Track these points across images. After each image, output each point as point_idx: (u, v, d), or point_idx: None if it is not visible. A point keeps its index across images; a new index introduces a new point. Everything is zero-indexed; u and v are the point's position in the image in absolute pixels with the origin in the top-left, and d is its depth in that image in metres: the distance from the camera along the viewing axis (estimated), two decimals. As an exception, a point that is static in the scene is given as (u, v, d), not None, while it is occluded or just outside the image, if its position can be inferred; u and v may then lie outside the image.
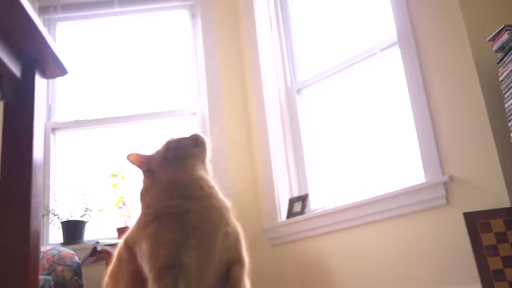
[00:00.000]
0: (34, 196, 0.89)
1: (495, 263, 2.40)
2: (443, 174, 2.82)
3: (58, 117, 4.06)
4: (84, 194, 3.70)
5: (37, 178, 0.91)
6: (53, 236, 3.70)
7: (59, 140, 4.01)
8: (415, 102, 2.99)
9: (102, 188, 3.80)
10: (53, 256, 2.79)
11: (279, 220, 3.56)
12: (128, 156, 1.65)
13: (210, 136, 3.81)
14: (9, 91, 0.96)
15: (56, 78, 1.05)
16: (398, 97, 3.25)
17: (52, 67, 1.04)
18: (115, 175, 3.73)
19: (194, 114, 4.03)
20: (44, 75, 1.05)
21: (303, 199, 3.50)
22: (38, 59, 1.00)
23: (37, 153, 0.94)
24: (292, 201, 3.56)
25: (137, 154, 1.69)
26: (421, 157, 2.95)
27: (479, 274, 2.39)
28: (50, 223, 3.64)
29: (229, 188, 3.74)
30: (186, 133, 1.73)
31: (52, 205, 3.64)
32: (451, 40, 2.87)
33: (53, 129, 3.98)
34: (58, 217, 3.58)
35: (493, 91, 2.72)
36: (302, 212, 3.44)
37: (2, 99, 0.96)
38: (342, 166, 3.55)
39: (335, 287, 3.19)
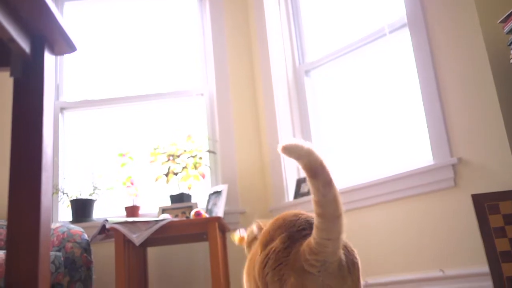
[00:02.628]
0: (44, 172, 0.90)
1: (502, 244, 2.40)
2: (452, 156, 2.81)
3: (67, 97, 4.07)
4: (92, 173, 3.73)
5: (47, 154, 0.92)
6: (63, 214, 3.74)
7: (67, 120, 4.03)
8: (424, 84, 2.97)
9: (110, 167, 3.83)
10: (63, 233, 2.82)
11: (286, 201, 3.57)
12: None
13: (217, 117, 3.82)
14: (18, 67, 0.97)
15: (65, 55, 1.05)
16: (407, 79, 3.23)
17: (61, 43, 1.04)
18: (123, 155, 3.75)
19: (202, 94, 4.03)
20: (53, 51, 1.05)
21: (310, 180, 3.50)
22: (47, 35, 1.00)
23: (47, 128, 0.94)
24: (299, 182, 3.57)
25: None
26: (430, 139, 2.94)
27: (486, 255, 2.39)
28: (59, 201, 3.68)
29: (236, 168, 3.75)
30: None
31: (61, 184, 3.67)
32: (461, 22, 2.84)
33: (62, 109, 4.00)
34: (67, 196, 3.61)
35: (504, 73, 2.70)
36: (309, 192, 3.44)
37: (11, 75, 0.97)
38: (350, 147, 3.54)
39: (341, 268, 3.21)
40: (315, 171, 1.11)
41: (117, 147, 3.89)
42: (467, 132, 2.78)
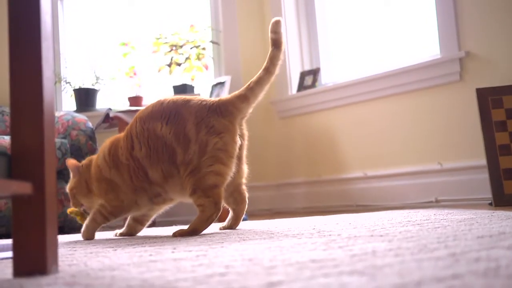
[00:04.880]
0: (44, 40, 0.88)
1: (502, 138, 2.43)
2: (459, 49, 2.76)
3: (65, -18, 3.91)
4: (94, 63, 3.68)
5: (46, 22, 0.89)
6: (66, 103, 3.76)
7: (66, 8, 3.91)
8: (438, -28, 2.83)
9: (112, 57, 3.78)
10: (68, 121, 2.85)
11: (289, 93, 3.57)
12: None
13: (221, 7, 3.70)
14: None
15: None
16: (420, -33, 3.08)
17: None
18: (125, 44, 3.69)
19: (205, -18, 3.87)
20: None
21: (314, 72, 3.48)
22: None
23: (45, -3, 0.91)
24: (303, 75, 3.54)
25: None
26: (438, 32, 2.86)
27: (485, 148, 2.43)
28: (62, 90, 3.67)
29: (240, 60, 3.70)
30: None
31: (63, 73, 3.64)
32: None
33: (60, -5, 3.86)
34: (70, 85, 3.60)
35: (523, -39, 2.56)
36: (313, 85, 3.43)
37: None
38: (355, 39, 3.47)
39: (342, 160, 3.28)
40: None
41: (119, 36, 3.80)
42: (478, 25, 2.70)
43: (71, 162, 1.75)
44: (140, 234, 1.79)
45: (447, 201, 2.76)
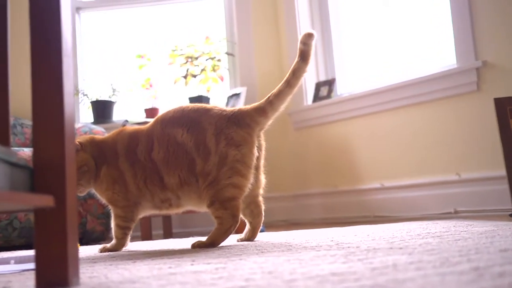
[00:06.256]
0: (65, 56, 0.89)
1: (521, 148, 2.39)
2: (476, 59, 2.74)
3: (82, -4, 3.97)
4: (111, 75, 3.72)
5: (67, 38, 0.91)
6: (84, 115, 3.80)
7: (84, 21, 3.97)
8: (453, -19, 2.82)
9: (128, 69, 3.82)
10: (85, 133, 2.88)
11: (305, 104, 3.56)
12: None
13: (236, 18, 3.72)
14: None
15: None
16: (436, -23, 3.07)
17: None
18: (141, 56, 3.73)
19: (220, -6, 3.90)
20: None
21: (329, 83, 3.47)
22: None
23: (65, 13, 0.92)
24: (318, 85, 3.54)
25: None
26: (455, 41, 2.84)
27: (504, 159, 2.39)
28: (80, 102, 3.71)
29: (254, 70, 3.71)
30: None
31: (81, 85, 3.69)
32: None
33: (78, 9, 3.92)
34: (88, 97, 3.64)
35: (540, -31, 2.54)
36: (328, 96, 3.42)
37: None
38: (370, 50, 3.46)
39: (358, 171, 3.26)
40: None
41: (135, 48, 3.85)
42: (494, 34, 2.68)
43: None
44: (157, 245, 1.79)
45: (466, 212, 2.73)
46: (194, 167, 1.56)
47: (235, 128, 1.56)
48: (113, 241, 1.69)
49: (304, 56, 1.63)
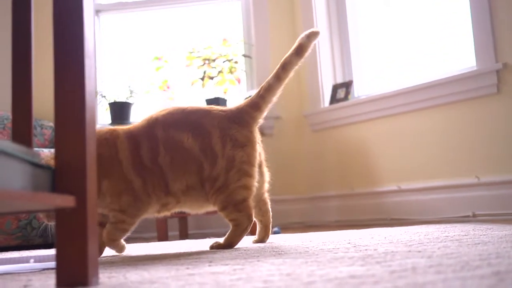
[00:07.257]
0: (87, 58, 0.90)
1: (542, 151, 2.36)
2: (497, 61, 2.71)
3: (101, -2, 4.02)
4: (128, 77, 3.76)
5: (89, 40, 0.92)
6: (102, 116, 3.84)
7: (103, 23, 4.01)
8: (473, -17, 2.80)
9: (146, 71, 3.85)
10: (103, 134, 2.91)
11: (321, 106, 3.56)
12: None
13: (253, 21, 3.73)
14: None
15: None
16: (455, -22, 3.04)
17: None
18: (158, 58, 3.75)
19: (238, -3, 3.91)
20: None
21: (347, 85, 3.46)
22: None
23: (88, 15, 0.93)
24: (336, 87, 3.53)
25: None
26: (475, 43, 2.81)
27: (524, 162, 2.36)
28: (98, 104, 3.75)
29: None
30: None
31: (99, 87, 3.72)
32: None
33: (97, 11, 3.96)
34: (106, 98, 3.67)
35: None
36: (345, 98, 3.41)
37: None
38: (388, 52, 3.44)
39: (375, 173, 3.24)
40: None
41: (153, 50, 3.87)
42: (515, 36, 2.65)
43: None
44: (174, 246, 1.80)
45: (485, 215, 2.70)
46: (202, 172, 1.54)
47: (237, 128, 1.58)
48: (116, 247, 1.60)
49: (300, 51, 1.67)
